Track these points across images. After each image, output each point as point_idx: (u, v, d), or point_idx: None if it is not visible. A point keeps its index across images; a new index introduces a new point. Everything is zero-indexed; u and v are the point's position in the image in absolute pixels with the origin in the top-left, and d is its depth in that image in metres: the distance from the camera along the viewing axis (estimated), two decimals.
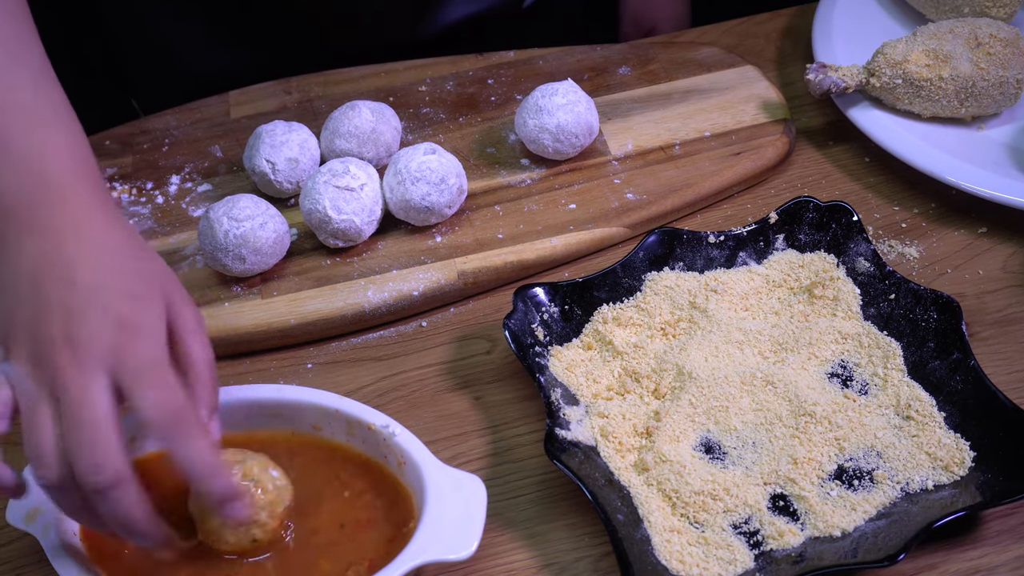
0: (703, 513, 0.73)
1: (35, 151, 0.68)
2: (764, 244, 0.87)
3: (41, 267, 0.66)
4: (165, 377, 0.65)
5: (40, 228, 0.67)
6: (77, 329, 0.64)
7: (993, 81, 0.93)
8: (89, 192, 0.69)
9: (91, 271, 0.66)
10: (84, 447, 0.63)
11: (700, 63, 1.05)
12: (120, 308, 0.66)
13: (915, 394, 0.78)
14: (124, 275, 0.68)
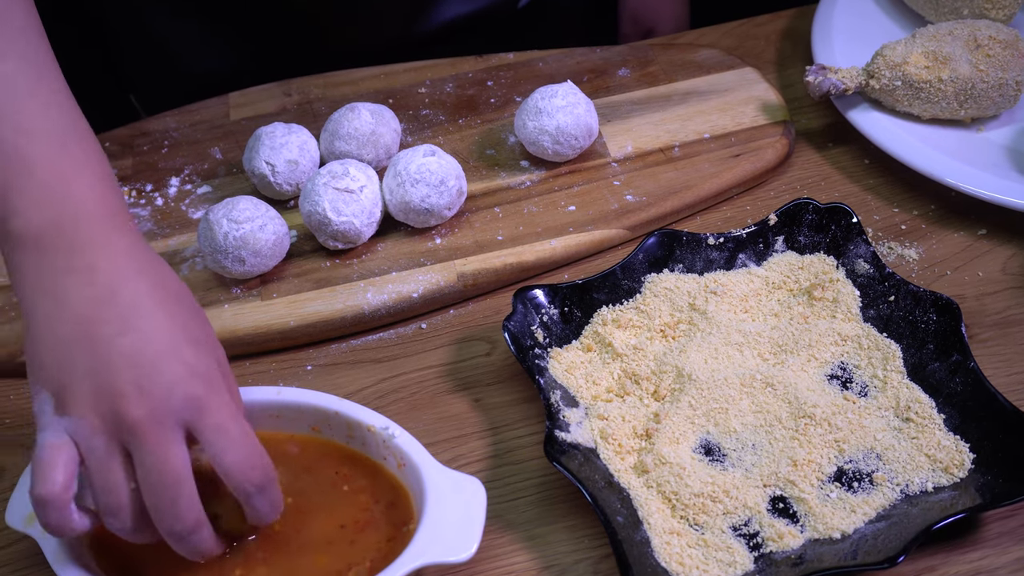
0: (703, 515, 0.73)
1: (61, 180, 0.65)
2: (764, 246, 0.87)
3: (95, 314, 0.63)
4: (242, 432, 0.65)
5: (84, 270, 0.64)
6: (150, 382, 0.62)
7: (992, 83, 0.94)
8: (123, 225, 0.66)
9: (150, 318, 0.64)
10: (166, 503, 0.63)
11: (700, 65, 1.05)
12: (187, 356, 0.64)
13: (915, 396, 0.78)
14: (180, 318, 0.65)
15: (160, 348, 0.63)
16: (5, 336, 0.87)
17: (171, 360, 0.63)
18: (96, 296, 0.63)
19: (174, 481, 0.63)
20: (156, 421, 0.62)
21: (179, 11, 1.10)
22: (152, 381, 0.63)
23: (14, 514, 0.71)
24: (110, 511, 0.64)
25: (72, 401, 0.63)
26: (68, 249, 0.64)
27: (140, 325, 0.63)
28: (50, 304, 0.63)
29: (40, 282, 0.64)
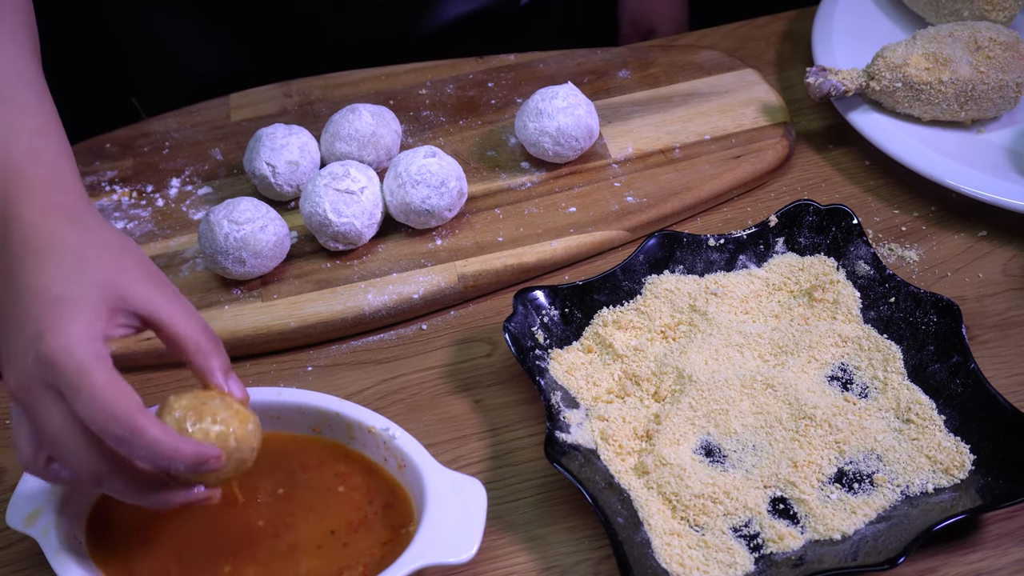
0: (703, 516, 0.73)
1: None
2: (764, 247, 0.87)
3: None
4: (95, 385, 0.63)
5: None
6: (10, 351, 0.65)
7: (993, 85, 0.94)
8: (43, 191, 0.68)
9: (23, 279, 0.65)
10: (61, 460, 0.64)
11: (700, 66, 1.05)
12: (30, 324, 0.64)
13: (915, 397, 0.78)
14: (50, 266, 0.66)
15: (23, 315, 0.64)
16: None
17: (31, 324, 0.64)
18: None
19: (56, 442, 0.64)
20: (24, 389, 0.64)
21: (179, 11, 1.10)
22: (16, 348, 0.64)
23: (14, 515, 0.71)
24: (26, 465, 0.67)
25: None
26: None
27: (8, 298, 0.65)
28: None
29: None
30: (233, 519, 0.73)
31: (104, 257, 0.67)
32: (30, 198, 0.68)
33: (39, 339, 0.63)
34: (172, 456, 0.64)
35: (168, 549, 0.72)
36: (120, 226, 0.95)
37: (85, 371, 0.63)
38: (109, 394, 0.63)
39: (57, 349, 0.63)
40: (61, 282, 0.65)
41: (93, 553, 0.71)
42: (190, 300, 0.87)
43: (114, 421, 0.63)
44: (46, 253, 0.66)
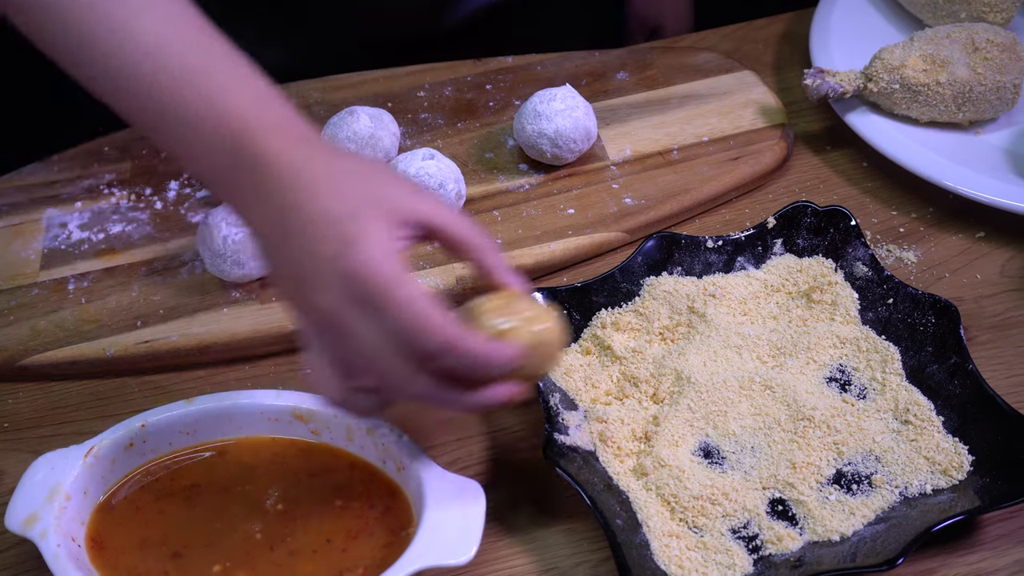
0: (702, 518, 0.73)
1: (223, 109, 0.67)
2: (762, 249, 0.87)
3: (273, 229, 0.66)
4: (402, 297, 0.64)
5: (252, 188, 0.66)
6: (318, 272, 0.64)
7: (990, 86, 0.94)
8: (289, 129, 0.69)
9: (322, 199, 0.65)
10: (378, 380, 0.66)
11: (698, 68, 1.05)
12: (346, 229, 0.64)
13: (913, 398, 0.78)
14: (346, 193, 0.66)
15: (318, 237, 0.64)
16: (4, 340, 0.87)
17: (331, 242, 0.64)
18: (272, 212, 0.66)
19: (373, 358, 0.64)
20: (333, 311, 0.64)
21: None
22: (319, 271, 0.64)
23: (13, 518, 0.71)
24: (325, 392, 0.68)
25: (290, 308, 0.68)
26: (247, 176, 0.67)
27: (302, 228, 0.65)
28: (265, 228, 0.67)
29: (242, 204, 0.68)
30: (232, 525, 0.73)
31: (367, 176, 0.68)
32: (268, 135, 0.67)
33: (342, 256, 0.63)
34: (488, 363, 0.65)
35: (166, 553, 0.72)
36: (119, 229, 0.95)
37: (394, 283, 0.63)
38: (420, 306, 0.63)
39: (364, 262, 0.63)
40: (343, 201, 0.65)
41: (92, 556, 0.71)
42: (188, 303, 0.88)
43: (428, 333, 0.63)
44: (315, 179, 0.66)
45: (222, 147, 0.67)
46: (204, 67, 0.69)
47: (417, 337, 0.64)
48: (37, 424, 0.84)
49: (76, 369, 0.86)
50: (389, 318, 0.63)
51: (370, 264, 0.64)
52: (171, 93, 0.68)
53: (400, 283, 0.64)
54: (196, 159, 0.69)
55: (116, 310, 0.89)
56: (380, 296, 0.63)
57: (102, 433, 0.75)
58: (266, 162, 0.66)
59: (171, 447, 0.77)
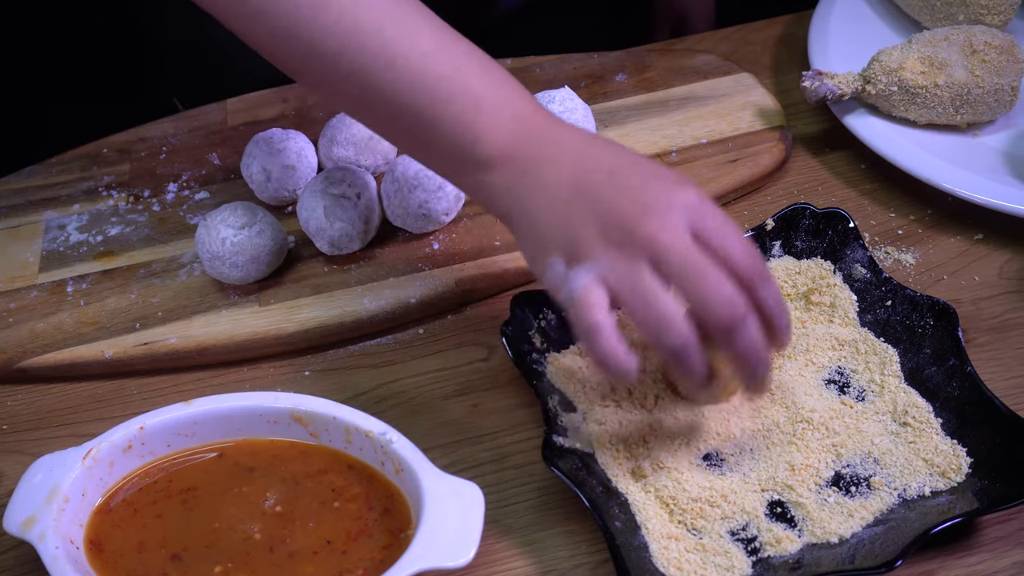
0: (701, 520, 0.73)
1: (504, 101, 0.73)
2: (761, 251, 0.87)
3: (573, 182, 0.69)
4: (738, 229, 0.69)
5: (551, 157, 0.71)
6: (648, 200, 0.67)
7: (988, 88, 0.94)
8: (558, 121, 0.74)
9: (621, 160, 0.71)
10: (713, 290, 0.66)
11: (696, 70, 1.05)
12: (668, 175, 0.69)
13: (912, 400, 0.78)
14: (644, 159, 0.72)
15: (641, 176, 0.69)
16: (3, 342, 0.87)
17: (655, 181, 0.69)
18: (571, 165, 0.70)
19: (705, 267, 0.67)
20: (668, 226, 0.67)
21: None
22: (650, 199, 0.68)
23: (11, 520, 0.71)
24: (661, 325, 0.67)
25: (584, 247, 0.68)
26: (532, 149, 0.71)
27: (616, 167, 0.70)
28: (536, 192, 0.70)
29: (520, 185, 0.71)
30: (231, 527, 0.73)
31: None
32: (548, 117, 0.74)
33: (680, 187, 0.68)
34: (784, 322, 0.70)
35: (165, 555, 0.72)
36: (117, 231, 0.95)
37: (727, 220, 0.69)
38: (746, 238, 0.70)
39: (699, 194, 0.68)
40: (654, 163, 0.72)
41: (90, 559, 0.71)
42: (187, 305, 0.89)
43: (756, 258, 0.69)
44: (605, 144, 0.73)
45: (507, 126, 0.72)
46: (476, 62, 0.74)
47: (756, 264, 0.68)
48: (35, 426, 0.84)
49: (74, 371, 0.86)
50: (733, 239, 0.68)
51: (702, 196, 0.69)
52: (451, 74, 0.72)
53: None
54: (463, 136, 0.72)
55: (115, 312, 0.89)
56: (723, 220, 0.68)
57: (100, 435, 0.75)
58: (554, 135, 0.72)
59: (170, 449, 0.77)
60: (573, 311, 0.68)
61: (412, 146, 0.78)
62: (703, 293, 0.67)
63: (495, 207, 0.74)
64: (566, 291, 0.69)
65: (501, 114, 0.72)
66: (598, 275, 0.68)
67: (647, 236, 0.67)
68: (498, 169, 0.72)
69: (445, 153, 0.74)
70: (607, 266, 0.67)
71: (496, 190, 0.72)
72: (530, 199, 0.71)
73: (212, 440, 0.77)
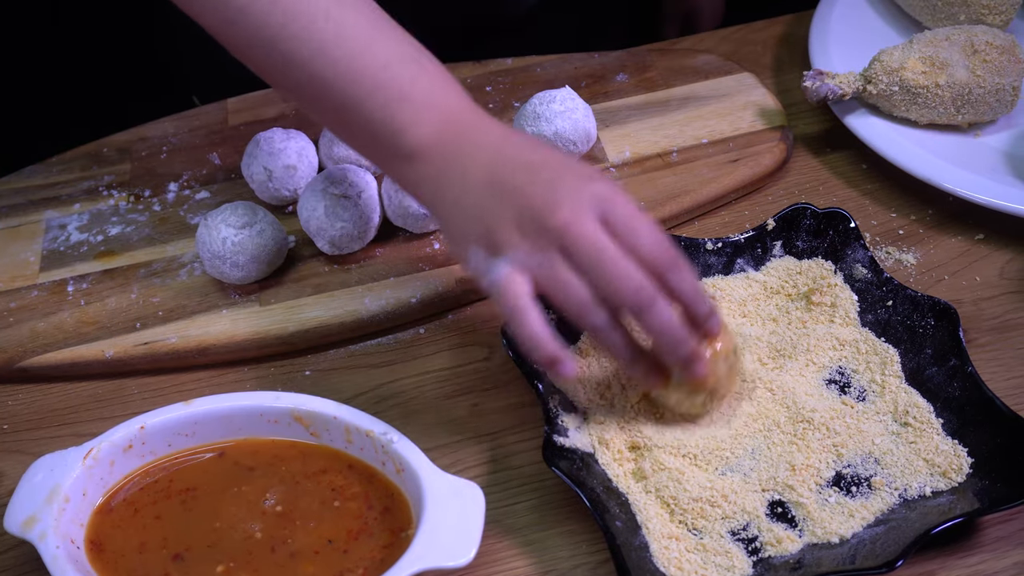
0: (701, 520, 0.73)
1: (430, 90, 0.75)
2: (762, 251, 0.87)
3: (493, 171, 0.72)
4: (651, 220, 0.72)
5: (473, 147, 0.74)
6: (559, 192, 0.71)
7: (989, 88, 0.94)
8: (486, 115, 0.76)
9: (537, 154, 0.74)
10: (622, 280, 0.70)
11: (697, 70, 1.05)
12: (581, 170, 0.73)
13: (913, 400, 0.78)
14: (561, 155, 0.75)
15: (554, 170, 0.72)
16: (4, 341, 0.87)
17: (567, 174, 0.72)
18: (489, 159, 0.73)
19: (612, 255, 0.70)
20: (578, 219, 0.70)
21: None
22: (560, 192, 0.71)
23: (12, 519, 0.71)
24: (581, 308, 0.71)
25: (502, 237, 0.71)
26: (455, 141, 0.74)
27: (532, 161, 0.73)
28: (455, 183, 0.73)
29: (441, 176, 0.74)
30: (231, 526, 0.73)
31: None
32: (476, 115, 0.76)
33: (591, 181, 0.71)
34: (705, 303, 0.73)
35: (167, 555, 0.72)
36: (118, 231, 0.95)
37: (640, 209, 0.72)
38: (657, 227, 0.72)
39: (610, 187, 0.71)
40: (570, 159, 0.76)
41: (91, 558, 0.71)
42: (187, 305, 0.89)
43: (664, 247, 0.71)
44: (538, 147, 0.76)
45: (430, 120, 0.74)
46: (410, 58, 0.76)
47: (658, 247, 0.71)
48: (36, 426, 0.84)
49: (75, 371, 0.86)
50: (637, 226, 0.71)
51: (615, 189, 0.72)
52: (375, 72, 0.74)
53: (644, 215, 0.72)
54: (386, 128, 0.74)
55: (115, 312, 0.89)
56: (629, 207, 0.71)
57: (101, 435, 0.75)
58: (478, 130, 0.75)
59: (170, 449, 0.77)
60: (497, 298, 0.72)
61: (342, 133, 0.81)
62: (609, 279, 0.70)
63: (419, 197, 0.76)
64: (488, 279, 0.72)
65: (427, 107, 0.74)
66: (518, 264, 0.71)
67: (558, 226, 0.70)
68: (421, 160, 0.74)
69: (370, 142, 0.76)
70: (524, 257, 0.71)
71: (420, 181, 0.75)
72: (449, 190, 0.73)
73: (213, 440, 0.77)
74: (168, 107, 1.06)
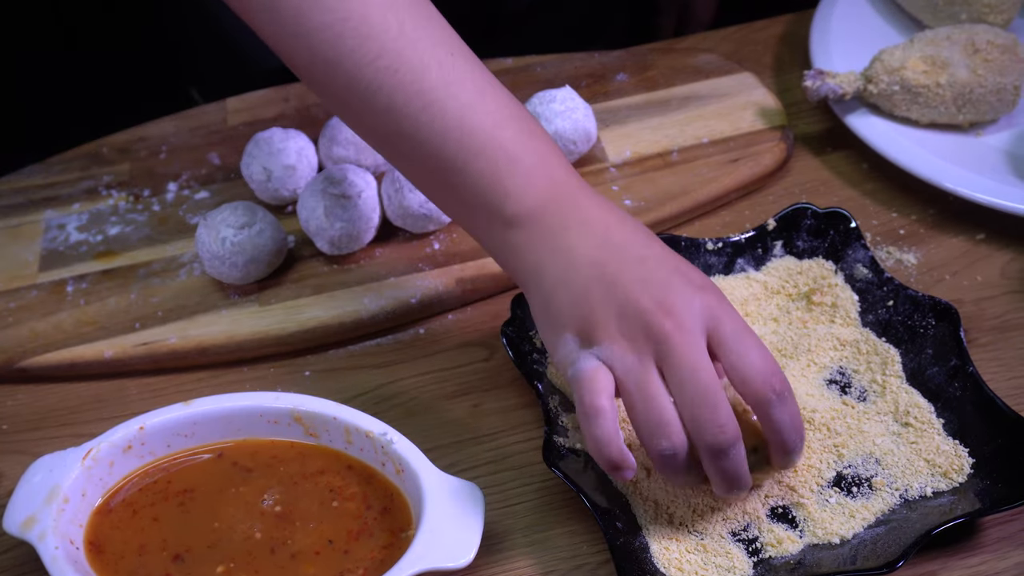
0: (701, 521, 0.73)
1: (539, 158, 0.72)
2: (762, 251, 0.87)
3: (601, 255, 0.69)
4: (759, 340, 0.69)
5: (580, 224, 0.70)
6: (669, 297, 0.67)
7: (990, 88, 0.94)
8: (593, 192, 0.73)
9: (647, 250, 0.70)
10: (707, 409, 0.66)
11: (698, 70, 1.05)
12: (691, 276, 0.69)
13: (914, 401, 0.78)
14: (668, 251, 0.71)
15: (666, 271, 0.69)
16: (3, 341, 0.87)
17: (679, 279, 0.69)
18: (598, 242, 0.70)
19: (708, 384, 0.66)
20: (684, 329, 0.67)
21: None
22: (670, 296, 0.67)
23: (11, 520, 0.71)
24: (657, 428, 0.67)
25: (599, 330, 0.68)
26: (562, 214, 0.71)
27: (643, 255, 0.70)
28: (560, 260, 0.70)
29: (543, 247, 0.70)
30: (231, 526, 0.73)
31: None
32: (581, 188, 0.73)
33: (702, 291, 0.68)
34: (796, 439, 0.70)
35: (167, 556, 0.72)
36: (117, 230, 0.95)
37: (749, 327, 0.69)
38: (765, 349, 0.69)
39: (720, 299, 0.69)
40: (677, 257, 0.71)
41: (90, 559, 0.71)
42: (187, 305, 0.88)
43: (774, 373, 0.68)
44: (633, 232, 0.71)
45: (540, 185, 0.71)
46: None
47: (773, 379, 0.67)
48: (35, 426, 0.84)
49: (74, 371, 0.86)
50: (743, 350, 0.67)
51: (726, 304, 0.69)
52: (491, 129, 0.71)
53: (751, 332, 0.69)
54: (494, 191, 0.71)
55: (114, 312, 0.88)
56: (740, 332, 0.68)
57: (100, 435, 0.75)
58: (586, 203, 0.72)
59: (169, 449, 0.76)
60: (578, 391, 0.68)
61: (439, 195, 0.76)
62: (696, 412, 0.66)
63: (517, 267, 0.72)
64: (573, 370, 0.69)
65: (535, 173, 0.71)
66: (607, 360, 0.68)
67: (663, 332, 0.67)
68: (526, 228, 0.71)
69: (473, 205, 0.72)
70: (617, 355, 0.68)
71: (520, 250, 0.71)
72: (551, 265, 0.70)
73: (212, 440, 0.77)
74: (168, 107, 1.07)
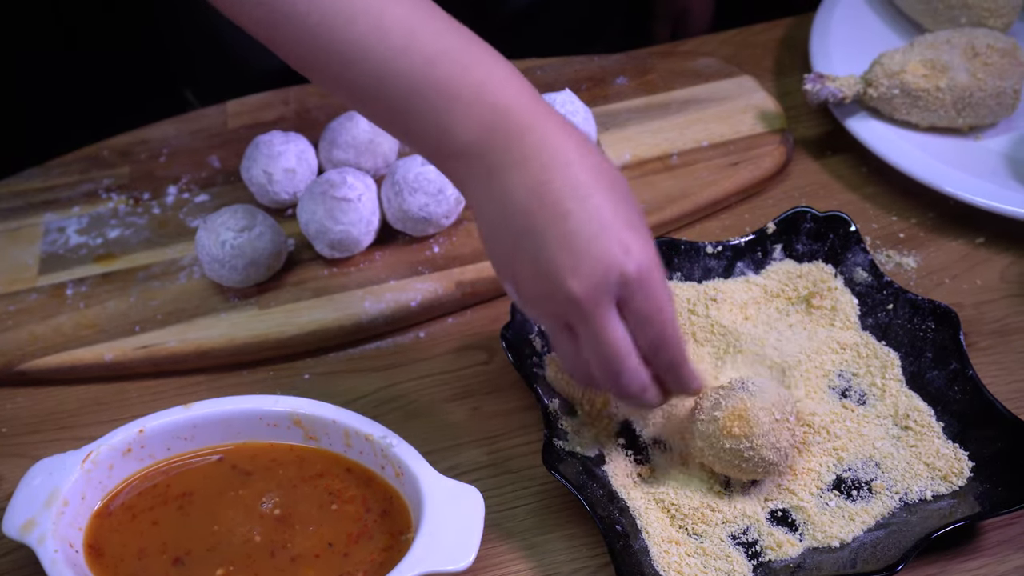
0: (701, 524, 0.73)
1: (481, 86, 0.69)
2: (762, 254, 0.87)
3: (531, 205, 0.67)
4: (671, 316, 0.69)
5: (519, 162, 0.68)
6: (585, 262, 0.66)
7: (990, 91, 0.94)
8: (544, 112, 0.70)
9: (584, 202, 0.67)
10: (611, 376, 0.69)
11: (698, 73, 1.05)
12: (623, 237, 0.67)
13: (913, 404, 0.78)
14: (613, 202, 0.68)
15: (595, 230, 0.67)
16: (3, 344, 0.87)
17: (606, 240, 0.67)
18: (532, 188, 0.67)
19: (614, 355, 0.68)
20: (592, 298, 0.67)
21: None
22: (587, 261, 0.66)
23: (11, 523, 0.71)
24: (578, 378, 0.72)
25: (522, 287, 0.69)
26: (502, 150, 0.69)
27: (574, 210, 0.67)
28: (495, 207, 0.69)
29: (480, 188, 0.69)
30: (230, 530, 0.73)
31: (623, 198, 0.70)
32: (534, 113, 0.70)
33: (628, 253, 0.67)
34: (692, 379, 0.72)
35: (167, 559, 0.72)
36: (117, 233, 0.95)
37: (667, 302, 0.68)
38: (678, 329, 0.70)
39: (647, 267, 0.67)
40: (624, 210, 0.68)
41: (89, 562, 0.71)
42: (186, 308, 0.88)
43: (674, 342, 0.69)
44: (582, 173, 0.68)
45: (480, 119, 0.69)
46: (456, 46, 0.71)
47: (671, 333, 0.69)
48: (35, 429, 0.84)
49: (74, 374, 0.86)
50: (655, 311, 0.68)
51: (652, 268, 0.68)
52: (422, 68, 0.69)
53: (666, 288, 0.69)
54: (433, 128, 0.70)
55: (114, 315, 0.88)
56: (657, 293, 0.68)
57: (100, 438, 0.75)
58: (533, 136, 0.68)
59: (169, 452, 0.76)
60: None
61: (391, 130, 0.76)
62: (603, 377, 0.70)
63: (466, 198, 0.72)
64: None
65: (472, 109, 0.69)
66: (531, 319, 0.71)
67: (568, 299, 0.67)
68: (463, 162, 0.70)
69: (415, 140, 0.73)
70: (534, 314, 0.72)
71: (462, 185, 0.72)
72: (488, 210, 0.69)
73: (212, 443, 0.77)
74: (166, 109, 1.07)
